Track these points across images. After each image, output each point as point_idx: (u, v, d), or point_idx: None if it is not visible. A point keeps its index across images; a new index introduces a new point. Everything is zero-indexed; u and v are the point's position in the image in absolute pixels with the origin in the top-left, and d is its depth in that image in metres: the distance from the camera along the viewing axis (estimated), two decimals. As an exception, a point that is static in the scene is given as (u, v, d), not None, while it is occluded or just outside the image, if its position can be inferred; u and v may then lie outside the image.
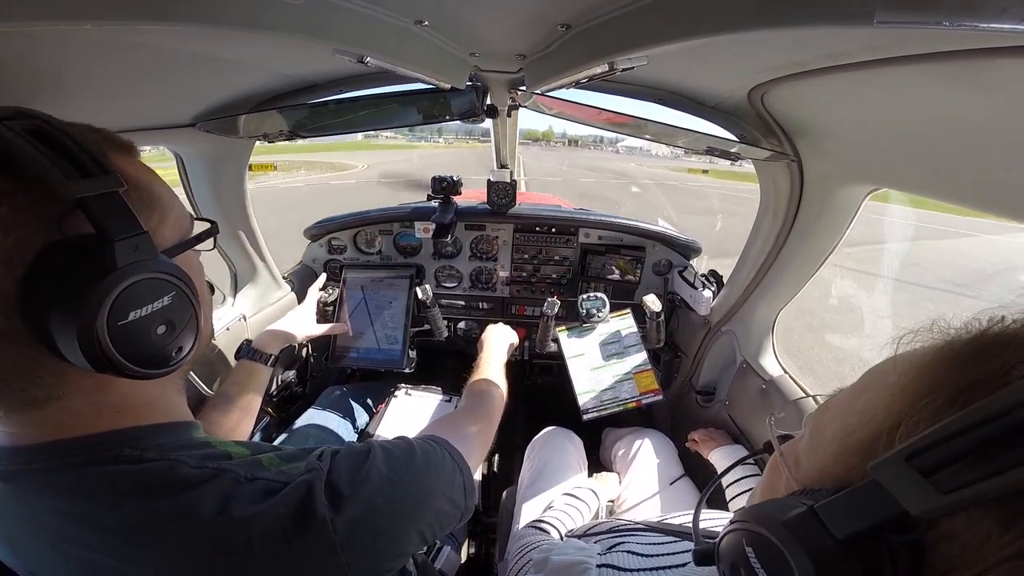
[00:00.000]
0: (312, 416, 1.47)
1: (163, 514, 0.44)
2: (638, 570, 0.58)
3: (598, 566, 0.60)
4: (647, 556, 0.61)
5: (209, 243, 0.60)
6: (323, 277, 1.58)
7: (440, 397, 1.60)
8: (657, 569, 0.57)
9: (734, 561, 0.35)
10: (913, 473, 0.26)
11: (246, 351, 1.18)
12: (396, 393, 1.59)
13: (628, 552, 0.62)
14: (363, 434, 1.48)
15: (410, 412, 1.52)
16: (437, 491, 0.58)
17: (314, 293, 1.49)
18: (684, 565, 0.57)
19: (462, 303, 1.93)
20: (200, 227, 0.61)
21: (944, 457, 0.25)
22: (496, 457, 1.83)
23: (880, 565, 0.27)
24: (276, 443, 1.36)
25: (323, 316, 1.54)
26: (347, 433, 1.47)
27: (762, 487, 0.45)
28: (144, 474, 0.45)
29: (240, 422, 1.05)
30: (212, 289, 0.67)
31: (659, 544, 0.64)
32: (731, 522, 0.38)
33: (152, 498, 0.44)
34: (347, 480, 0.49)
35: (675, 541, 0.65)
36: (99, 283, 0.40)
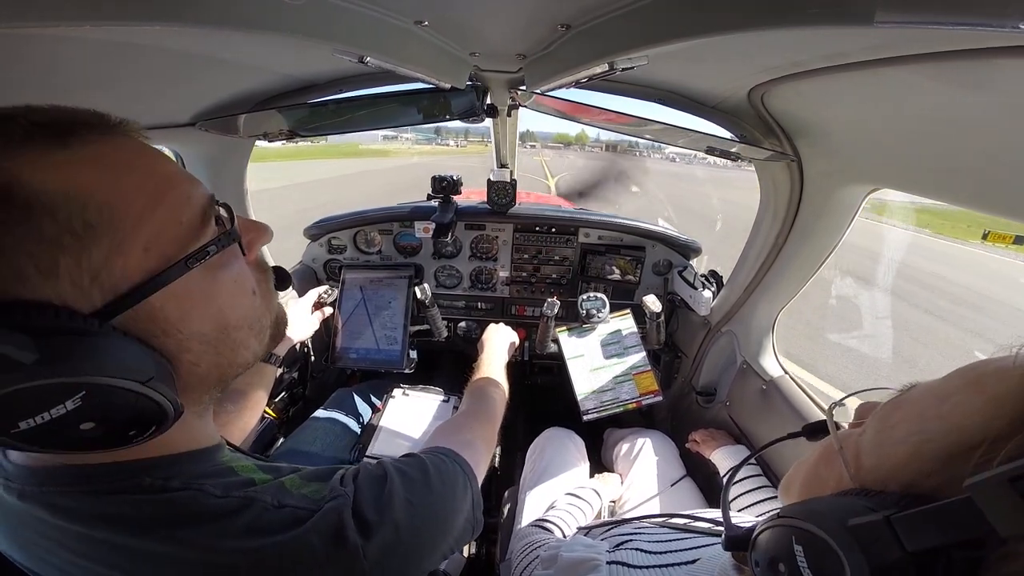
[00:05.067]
0: (320, 414, 1.48)
1: (191, 544, 0.42)
2: (647, 567, 0.58)
3: (608, 563, 0.60)
4: (656, 553, 0.61)
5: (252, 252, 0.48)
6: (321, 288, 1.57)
7: (438, 397, 1.59)
8: (666, 566, 0.57)
9: (775, 556, 0.35)
10: (1015, 497, 0.24)
11: None
12: (394, 393, 1.58)
13: (637, 549, 0.62)
14: (366, 430, 1.48)
15: (409, 413, 1.52)
16: (453, 509, 0.58)
17: (312, 294, 1.50)
18: (694, 562, 0.57)
19: (462, 303, 1.93)
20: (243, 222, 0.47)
21: None
22: (497, 457, 1.83)
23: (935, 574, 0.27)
24: (284, 442, 1.38)
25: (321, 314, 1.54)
26: (351, 434, 1.47)
27: (804, 478, 0.43)
28: (169, 504, 0.43)
29: (249, 420, 1.07)
30: (286, 282, 0.56)
31: (667, 541, 0.64)
32: (778, 515, 0.37)
33: (179, 527, 0.42)
34: (372, 506, 0.48)
35: (683, 538, 0.65)
36: None
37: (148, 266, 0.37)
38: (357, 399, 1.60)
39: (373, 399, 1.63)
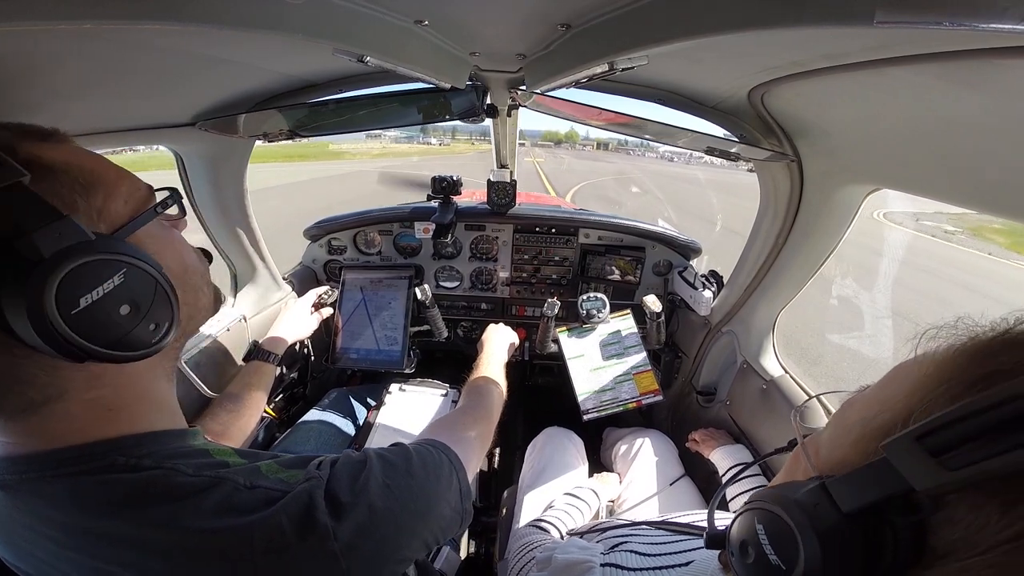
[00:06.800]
0: (315, 415, 1.47)
1: (161, 523, 0.43)
2: (641, 569, 0.58)
3: (602, 565, 0.60)
4: (650, 555, 0.61)
5: (182, 215, 0.59)
6: (321, 288, 1.58)
7: (437, 392, 1.59)
8: (660, 568, 0.57)
9: (743, 540, 0.37)
10: (921, 452, 0.26)
11: (256, 352, 1.21)
12: (391, 389, 1.58)
13: (631, 551, 0.63)
14: (363, 429, 1.48)
15: (407, 410, 1.52)
16: (436, 496, 0.58)
17: (312, 294, 1.51)
18: (687, 564, 0.57)
19: (462, 304, 1.93)
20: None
21: (952, 438, 0.25)
22: (496, 457, 1.83)
23: (883, 543, 0.28)
24: (279, 441, 1.38)
25: (321, 315, 1.54)
26: (349, 430, 1.47)
27: (781, 477, 0.46)
28: (140, 483, 0.44)
29: (249, 420, 1.08)
30: (209, 258, 0.65)
31: (662, 543, 0.64)
32: (744, 504, 0.39)
33: (149, 506, 0.44)
34: (346, 488, 0.49)
35: (678, 540, 0.65)
36: (30, 279, 0.39)
37: (130, 211, 0.50)
38: (353, 400, 1.59)
39: (369, 400, 1.63)
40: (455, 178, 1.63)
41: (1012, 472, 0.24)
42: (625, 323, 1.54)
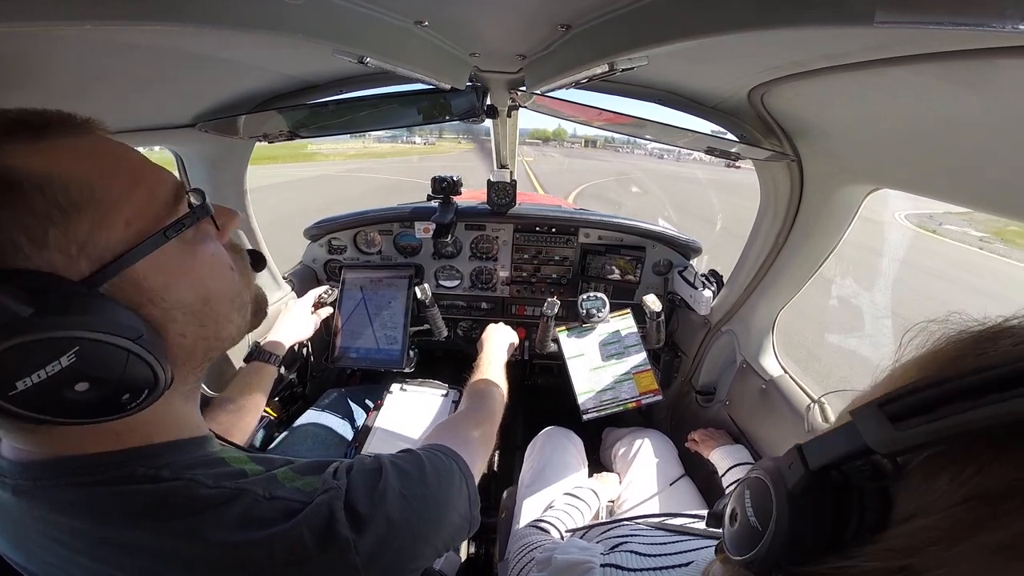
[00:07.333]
0: (312, 416, 1.47)
1: (181, 535, 0.42)
2: (641, 570, 0.58)
3: (602, 565, 0.60)
4: (650, 556, 0.61)
5: (216, 228, 0.50)
6: (321, 288, 1.57)
7: (437, 392, 1.59)
8: (660, 569, 0.57)
9: (733, 509, 0.39)
10: (881, 415, 0.28)
11: (256, 353, 1.21)
12: (392, 389, 1.58)
13: (631, 552, 0.63)
14: (361, 431, 1.48)
15: (407, 410, 1.52)
16: (447, 504, 0.58)
17: (312, 294, 1.51)
18: (687, 565, 0.57)
19: (462, 303, 1.93)
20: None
21: (911, 407, 0.27)
22: (496, 457, 1.83)
23: (850, 506, 0.30)
24: (277, 441, 1.38)
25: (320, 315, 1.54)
26: (346, 432, 1.47)
27: None
28: (159, 494, 0.43)
29: (250, 422, 1.08)
30: (262, 263, 0.58)
31: (662, 544, 0.64)
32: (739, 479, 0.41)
33: (169, 519, 0.43)
34: (365, 499, 0.48)
35: (678, 540, 0.65)
36: None
37: (129, 238, 0.40)
38: (353, 400, 1.59)
39: (368, 400, 1.62)
40: (455, 178, 1.63)
41: (958, 434, 0.25)
42: (625, 323, 1.54)
